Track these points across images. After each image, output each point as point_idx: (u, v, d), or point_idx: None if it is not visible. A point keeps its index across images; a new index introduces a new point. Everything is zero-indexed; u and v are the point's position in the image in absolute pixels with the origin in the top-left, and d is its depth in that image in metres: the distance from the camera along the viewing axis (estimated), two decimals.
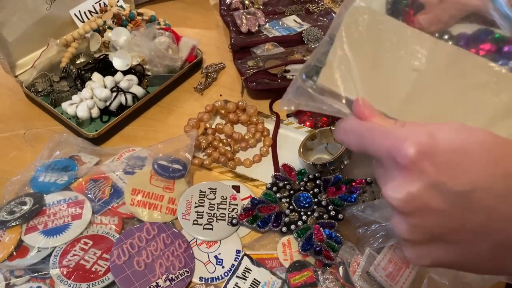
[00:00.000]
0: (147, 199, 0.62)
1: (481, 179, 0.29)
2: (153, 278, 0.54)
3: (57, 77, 0.76)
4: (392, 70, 0.37)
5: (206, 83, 0.82)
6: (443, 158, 0.29)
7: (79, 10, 0.81)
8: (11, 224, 0.57)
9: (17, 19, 0.72)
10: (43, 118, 0.75)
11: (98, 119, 0.73)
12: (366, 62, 0.37)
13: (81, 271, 0.54)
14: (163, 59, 0.77)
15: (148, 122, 0.76)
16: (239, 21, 0.91)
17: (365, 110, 0.34)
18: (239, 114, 0.75)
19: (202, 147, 0.70)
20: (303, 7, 1.00)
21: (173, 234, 0.59)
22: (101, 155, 0.68)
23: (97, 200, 0.61)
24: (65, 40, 0.78)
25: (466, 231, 0.30)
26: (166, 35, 0.81)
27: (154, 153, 0.67)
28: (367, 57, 0.37)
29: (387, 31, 0.38)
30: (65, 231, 0.58)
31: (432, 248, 0.32)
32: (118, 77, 0.74)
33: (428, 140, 0.30)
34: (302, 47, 0.88)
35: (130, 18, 0.84)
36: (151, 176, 0.64)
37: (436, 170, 0.29)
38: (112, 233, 0.58)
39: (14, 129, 0.73)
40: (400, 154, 0.30)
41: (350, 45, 0.38)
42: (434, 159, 0.29)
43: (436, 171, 0.29)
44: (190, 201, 0.63)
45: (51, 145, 0.67)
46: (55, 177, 0.63)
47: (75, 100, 0.72)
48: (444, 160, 0.29)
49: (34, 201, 0.60)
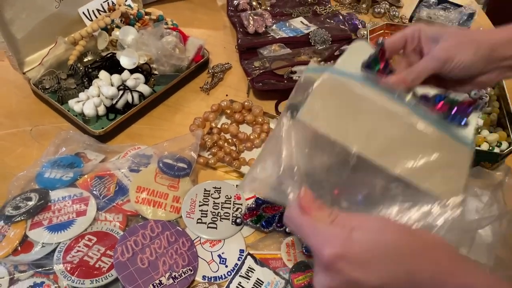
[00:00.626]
0: (152, 197, 0.62)
1: (387, 277, 0.35)
2: (157, 275, 0.54)
3: (65, 75, 0.76)
4: (356, 119, 0.45)
5: (212, 83, 0.83)
6: (357, 259, 0.35)
7: (88, 8, 0.81)
8: (16, 219, 0.57)
9: (26, 16, 0.73)
10: (50, 115, 0.75)
11: (104, 117, 0.73)
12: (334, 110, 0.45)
13: (85, 267, 0.54)
14: (170, 58, 0.78)
15: (154, 121, 0.76)
16: (246, 22, 0.92)
17: (305, 203, 0.40)
18: (244, 114, 0.75)
19: (207, 146, 0.70)
20: (310, 9, 1.00)
21: (177, 232, 0.59)
22: (107, 153, 0.68)
23: (102, 197, 0.61)
24: (73, 38, 0.79)
25: None
26: (174, 34, 0.81)
27: (159, 152, 0.67)
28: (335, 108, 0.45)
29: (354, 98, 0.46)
30: (69, 227, 0.58)
31: None
32: (125, 75, 0.75)
33: (345, 243, 0.35)
34: (309, 49, 0.88)
35: (137, 17, 0.85)
36: (156, 174, 0.65)
37: (351, 269, 0.35)
38: (116, 230, 0.58)
39: (21, 125, 0.73)
40: (321, 255, 0.36)
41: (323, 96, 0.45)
42: (349, 260, 0.35)
43: (351, 270, 0.35)
44: (195, 200, 0.63)
45: (57, 142, 0.67)
46: (60, 173, 0.63)
47: (82, 97, 0.72)
48: (357, 260, 0.35)
49: (39, 196, 0.60)
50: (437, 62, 0.51)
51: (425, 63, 0.52)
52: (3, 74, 0.81)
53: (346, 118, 0.44)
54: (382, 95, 0.46)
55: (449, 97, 0.49)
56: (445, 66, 0.51)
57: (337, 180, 0.45)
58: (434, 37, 0.52)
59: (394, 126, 0.44)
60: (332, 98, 0.45)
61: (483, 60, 0.51)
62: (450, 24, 0.95)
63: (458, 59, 0.50)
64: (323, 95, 0.45)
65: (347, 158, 0.44)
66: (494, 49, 0.50)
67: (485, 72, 0.52)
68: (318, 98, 0.45)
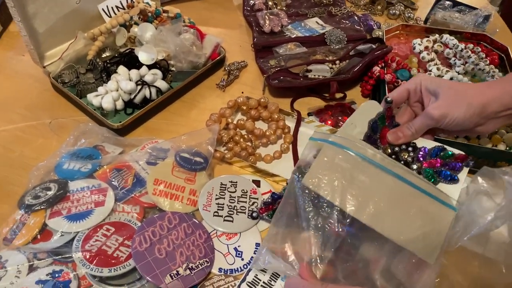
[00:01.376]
0: (169, 190, 0.63)
1: None
2: (174, 266, 0.54)
3: (84, 69, 0.78)
4: (352, 185, 0.50)
5: (228, 80, 0.83)
6: None
7: (107, 5, 0.82)
8: (36, 208, 0.58)
9: (48, 11, 0.74)
10: (69, 108, 0.76)
11: (122, 111, 0.74)
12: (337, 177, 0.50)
13: (103, 256, 0.54)
14: (187, 55, 0.79)
15: (171, 116, 0.77)
16: (262, 21, 0.92)
17: (305, 274, 0.47)
18: (260, 111, 0.75)
19: (223, 141, 0.71)
20: (325, 10, 1.01)
21: (194, 224, 0.59)
22: (125, 146, 0.69)
23: (120, 189, 0.62)
24: (93, 34, 0.80)
25: None
26: (191, 32, 0.82)
27: (176, 145, 0.67)
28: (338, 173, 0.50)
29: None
30: (88, 217, 0.58)
31: None
32: (143, 71, 0.76)
33: None
34: (325, 47, 0.88)
35: (156, 15, 0.86)
36: (173, 167, 0.65)
37: None
38: (134, 221, 0.59)
39: (40, 118, 0.74)
40: None
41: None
42: None
43: None
44: (211, 193, 0.63)
45: (77, 134, 0.68)
46: (79, 164, 0.64)
47: (101, 91, 0.73)
48: None
49: (58, 187, 0.61)
50: (431, 121, 0.56)
51: (421, 121, 0.57)
52: (23, 68, 0.82)
53: (343, 184, 0.49)
54: (376, 166, 0.51)
55: (444, 153, 0.56)
56: (439, 123, 0.56)
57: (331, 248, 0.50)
58: (433, 91, 0.58)
59: (386, 192, 0.50)
60: (332, 167, 0.50)
61: (475, 116, 0.55)
62: (465, 26, 0.95)
63: (451, 117, 0.55)
64: (323, 164, 0.50)
65: (342, 221, 0.49)
66: (486, 105, 0.55)
67: (480, 124, 0.57)
68: (319, 167, 0.50)
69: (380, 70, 0.79)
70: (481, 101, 0.55)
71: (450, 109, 0.55)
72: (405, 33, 0.93)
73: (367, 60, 0.80)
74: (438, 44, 0.84)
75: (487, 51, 0.86)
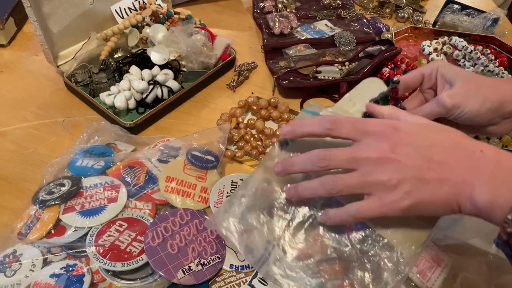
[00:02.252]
0: (181, 187, 0.63)
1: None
2: (186, 261, 0.55)
3: (96, 69, 0.79)
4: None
5: (239, 81, 0.84)
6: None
7: (120, 6, 0.84)
8: (50, 203, 0.59)
9: (63, 11, 0.75)
10: (81, 107, 0.77)
11: (134, 110, 0.75)
12: None
13: (116, 251, 0.55)
14: (199, 56, 0.80)
15: (182, 116, 0.78)
16: (272, 23, 0.93)
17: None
18: (270, 111, 0.76)
19: (234, 140, 0.71)
20: (334, 12, 1.02)
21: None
22: (137, 144, 0.70)
23: (133, 185, 0.63)
24: (105, 34, 0.81)
25: None
26: (202, 33, 0.84)
27: (188, 144, 0.68)
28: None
29: None
30: (101, 213, 0.59)
31: None
32: (155, 70, 0.77)
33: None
34: (334, 49, 0.89)
35: (167, 16, 0.87)
36: (184, 165, 0.66)
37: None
38: (146, 217, 0.60)
39: (53, 116, 0.75)
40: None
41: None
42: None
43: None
44: (222, 191, 0.64)
45: (90, 132, 0.69)
46: (92, 161, 0.65)
47: (113, 90, 0.74)
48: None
49: (72, 183, 0.62)
50: (442, 109, 0.53)
51: (431, 107, 0.54)
52: (38, 68, 0.83)
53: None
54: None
55: None
56: (450, 112, 0.53)
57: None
58: (449, 78, 0.54)
59: None
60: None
61: (490, 112, 0.52)
62: (474, 29, 0.95)
63: (463, 107, 0.52)
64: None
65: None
66: (504, 103, 0.52)
67: (494, 123, 0.54)
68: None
69: (390, 71, 0.79)
70: (499, 97, 0.52)
71: (465, 100, 0.52)
72: (414, 35, 0.93)
73: (377, 61, 0.80)
74: (447, 46, 0.84)
75: (496, 53, 0.86)
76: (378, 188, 0.43)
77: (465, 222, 0.59)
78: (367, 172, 0.43)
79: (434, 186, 0.42)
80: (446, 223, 0.58)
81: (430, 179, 0.42)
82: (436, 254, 0.57)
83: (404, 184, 0.42)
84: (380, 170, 0.43)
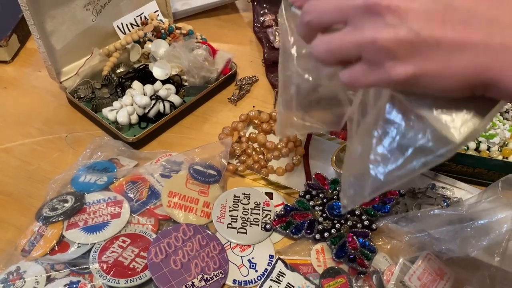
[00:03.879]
0: (183, 202, 0.64)
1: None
2: (189, 277, 0.55)
3: (99, 84, 0.79)
4: None
5: (240, 95, 0.85)
6: None
7: (122, 22, 0.85)
8: (53, 220, 0.59)
9: (66, 29, 0.76)
10: (84, 122, 0.78)
11: (136, 125, 0.75)
12: None
13: (120, 267, 0.55)
14: (200, 70, 0.80)
15: (184, 130, 0.78)
16: (272, 37, 0.94)
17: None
18: (272, 124, 0.77)
19: (236, 154, 0.72)
20: None
21: (208, 236, 0.60)
22: (139, 159, 0.70)
23: (135, 201, 0.63)
24: (108, 50, 0.82)
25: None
26: (203, 48, 0.84)
27: (190, 158, 0.68)
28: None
29: None
30: (104, 229, 0.59)
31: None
32: (157, 85, 0.77)
33: None
34: None
35: (169, 31, 0.88)
36: (187, 180, 0.66)
37: None
38: (149, 233, 0.60)
39: (57, 132, 0.76)
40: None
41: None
42: None
43: None
44: (225, 205, 0.64)
45: (92, 147, 0.70)
46: (95, 177, 0.65)
47: (116, 106, 0.75)
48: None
49: (75, 199, 0.62)
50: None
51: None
52: (41, 84, 0.84)
53: None
54: None
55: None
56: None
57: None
58: None
59: None
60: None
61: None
62: None
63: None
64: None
65: None
66: None
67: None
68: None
69: None
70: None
71: None
72: None
73: None
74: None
75: None
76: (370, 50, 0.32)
77: (466, 235, 0.59)
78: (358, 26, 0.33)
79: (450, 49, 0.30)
80: (448, 236, 0.58)
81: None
82: (439, 267, 0.57)
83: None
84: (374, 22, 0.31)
